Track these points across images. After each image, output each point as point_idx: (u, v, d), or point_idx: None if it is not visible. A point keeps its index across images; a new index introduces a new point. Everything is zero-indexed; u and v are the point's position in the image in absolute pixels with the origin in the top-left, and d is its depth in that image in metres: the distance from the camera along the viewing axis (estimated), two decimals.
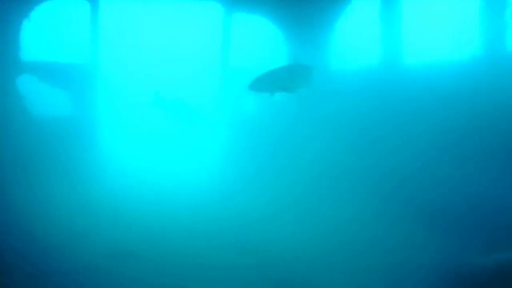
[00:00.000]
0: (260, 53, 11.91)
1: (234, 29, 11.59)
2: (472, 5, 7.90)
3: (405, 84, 8.95)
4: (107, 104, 12.66)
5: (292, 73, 7.26)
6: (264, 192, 9.71)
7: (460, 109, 7.76)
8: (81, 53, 11.30)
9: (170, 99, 10.44)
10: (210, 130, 11.41)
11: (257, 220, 7.99)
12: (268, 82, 7.13)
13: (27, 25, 10.70)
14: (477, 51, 7.79)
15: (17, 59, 10.67)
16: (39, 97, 11.05)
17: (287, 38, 11.53)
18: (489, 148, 7.32)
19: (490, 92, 7.32)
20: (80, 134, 11.12)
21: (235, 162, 11.23)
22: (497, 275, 5.06)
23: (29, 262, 5.68)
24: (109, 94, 13.25)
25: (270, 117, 11.38)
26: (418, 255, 6.23)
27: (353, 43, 10.76)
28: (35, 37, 11.68)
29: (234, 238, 7.07)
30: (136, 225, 7.62)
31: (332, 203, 8.82)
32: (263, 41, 11.95)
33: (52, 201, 8.80)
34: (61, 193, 9.28)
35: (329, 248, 6.65)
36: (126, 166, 13.74)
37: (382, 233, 7.25)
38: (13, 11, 10.42)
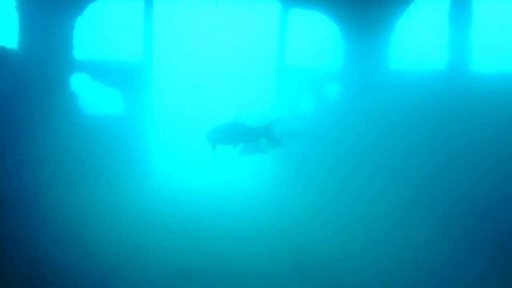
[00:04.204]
0: (320, 53, 11.38)
1: (295, 29, 11.13)
2: None
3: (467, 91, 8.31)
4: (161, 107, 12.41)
5: (234, 130, 7.41)
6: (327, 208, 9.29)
7: None
8: (136, 52, 11.11)
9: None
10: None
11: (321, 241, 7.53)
12: (214, 137, 7.49)
13: (81, 23, 10.67)
14: None
15: (71, 58, 10.62)
16: (92, 96, 10.98)
17: (348, 38, 10.88)
18: None
19: None
20: (141, 138, 10.90)
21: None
22: None
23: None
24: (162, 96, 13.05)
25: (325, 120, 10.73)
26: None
27: (415, 45, 10.40)
28: (90, 35, 11.67)
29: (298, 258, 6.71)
30: (196, 243, 7.15)
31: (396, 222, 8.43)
32: (323, 41, 11.42)
33: (105, 211, 8.52)
34: (115, 203, 9.04)
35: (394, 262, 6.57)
36: (186, 178, 13.46)
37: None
38: (68, 8, 10.39)
